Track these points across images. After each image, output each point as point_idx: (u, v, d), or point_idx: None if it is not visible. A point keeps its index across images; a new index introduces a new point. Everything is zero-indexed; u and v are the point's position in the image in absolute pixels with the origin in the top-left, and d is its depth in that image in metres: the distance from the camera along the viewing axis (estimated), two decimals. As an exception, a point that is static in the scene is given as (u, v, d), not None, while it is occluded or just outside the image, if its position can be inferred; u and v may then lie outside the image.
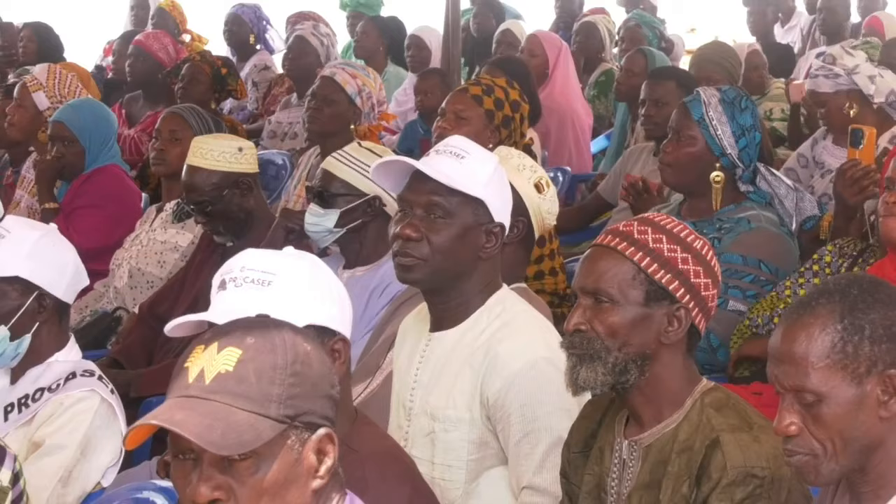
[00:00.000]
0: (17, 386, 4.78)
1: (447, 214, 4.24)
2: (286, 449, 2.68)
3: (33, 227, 4.88)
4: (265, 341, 2.73)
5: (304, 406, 2.70)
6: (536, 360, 4.13)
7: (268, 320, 2.86)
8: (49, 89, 8.25)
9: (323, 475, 2.72)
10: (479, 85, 6.92)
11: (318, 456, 2.72)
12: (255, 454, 2.66)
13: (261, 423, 2.66)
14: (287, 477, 2.69)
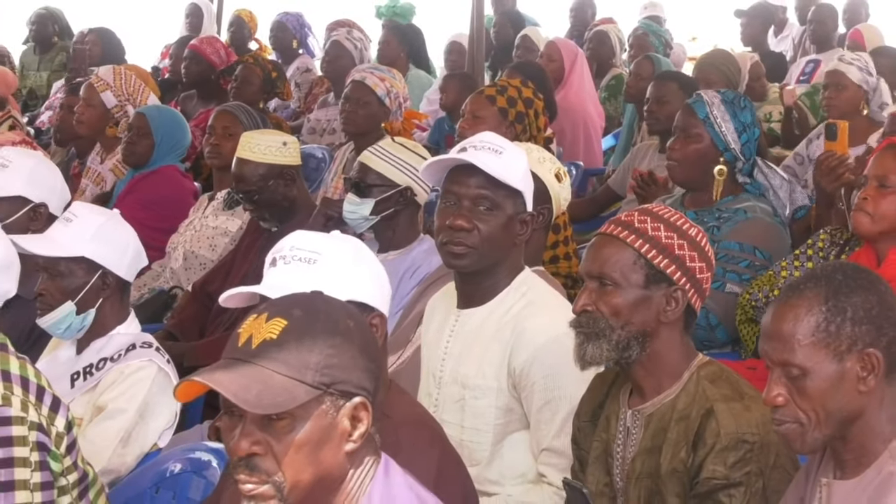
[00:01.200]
0: (83, 356, 4.80)
1: (494, 206, 4.26)
2: (320, 413, 2.70)
3: (98, 213, 4.90)
4: (311, 315, 2.75)
5: (341, 376, 2.71)
6: (559, 335, 4.11)
7: (319, 297, 2.86)
8: (116, 88, 8.26)
9: (356, 439, 2.74)
10: (494, 86, 6.94)
11: (353, 422, 2.73)
12: (290, 415, 2.68)
13: (296, 387, 2.68)
14: (320, 438, 2.71)
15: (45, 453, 3.83)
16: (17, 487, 3.77)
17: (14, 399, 3.79)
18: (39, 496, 3.82)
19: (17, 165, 5.72)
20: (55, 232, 4.79)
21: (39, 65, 13.18)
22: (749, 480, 3.59)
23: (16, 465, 3.77)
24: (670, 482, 3.68)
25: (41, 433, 3.82)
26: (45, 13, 13.33)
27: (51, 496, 3.88)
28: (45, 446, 3.83)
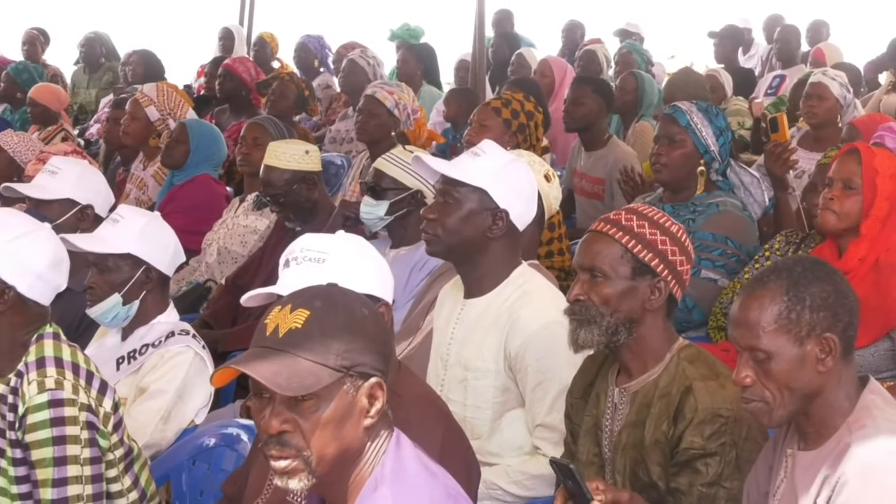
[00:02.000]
0: (127, 342, 4.80)
1: (455, 201, 4.33)
2: (342, 393, 2.70)
3: (143, 214, 4.91)
4: (331, 305, 2.74)
5: (359, 359, 2.71)
6: (550, 322, 4.13)
7: (336, 289, 2.86)
8: (159, 104, 8.27)
9: (373, 415, 2.73)
10: (500, 99, 7.00)
11: (370, 400, 2.73)
12: (315, 396, 2.68)
13: (321, 371, 2.68)
14: (342, 415, 2.70)
15: (93, 431, 3.85)
16: (68, 462, 3.79)
17: (66, 383, 3.82)
18: (89, 469, 3.84)
19: (65, 172, 5.83)
20: (104, 231, 4.80)
21: (88, 83, 13.19)
22: (723, 450, 3.59)
23: (68, 441, 3.79)
24: (653, 452, 3.68)
25: (90, 413, 3.84)
26: (94, 37, 13.35)
27: (99, 469, 3.89)
28: (93, 425, 3.85)
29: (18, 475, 3.86)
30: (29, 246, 3.94)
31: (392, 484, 2.73)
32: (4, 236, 3.90)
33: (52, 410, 3.78)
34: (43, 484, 3.80)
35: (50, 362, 3.87)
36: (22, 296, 3.90)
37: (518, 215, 4.38)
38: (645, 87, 9.56)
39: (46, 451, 3.79)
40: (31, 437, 3.79)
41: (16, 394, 3.84)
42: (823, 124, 7.68)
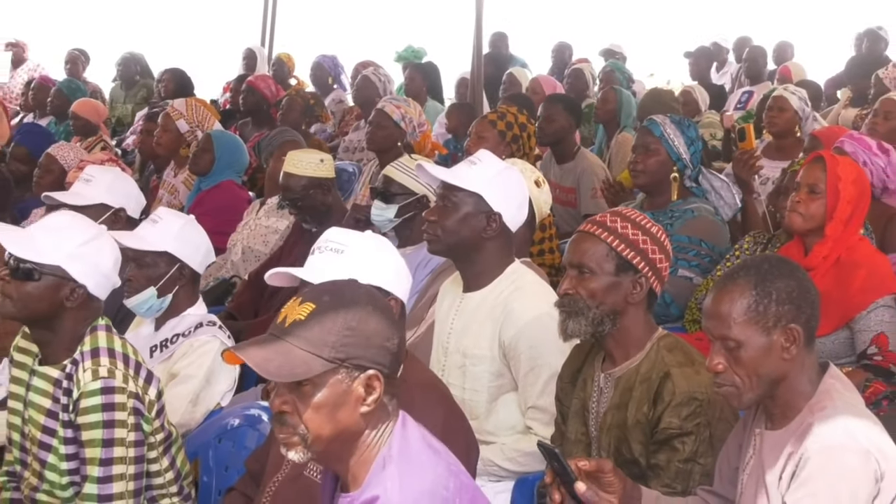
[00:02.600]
0: (160, 332, 4.81)
1: (453, 204, 4.35)
2: (336, 381, 2.69)
3: (180, 217, 4.94)
4: (336, 301, 2.73)
5: (354, 353, 2.69)
6: (541, 314, 4.14)
7: (350, 285, 2.84)
8: (188, 117, 8.27)
9: (370, 404, 2.71)
10: (496, 113, 7.02)
11: (367, 389, 2.71)
12: (311, 382, 2.68)
13: (314, 361, 2.68)
14: (336, 401, 2.69)
15: (139, 417, 3.86)
16: (115, 444, 3.81)
17: (118, 373, 3.84)
18: (133, 451, 3.85)
19: (98, 179, 5.86)
20: (144, 230, 4.83)
21: (125, 98, 13.19)
22: (698, 430, 3.59)
23: (116, 425, 3.81)
24: (635, 432, 3.68)
25: (137, 401, 3.86)
26: (130, 57, 13.36)
27: (142, 451, 3.90)
28: (139, 411, 3.86)
29: (68, 453, 3.87)
30: (97, 249, 3.98)
31: (399, 462, 2.71)
32: (76, 241, 3.93)
33: (103, 396, 3.80)
34: (91, 462, 3.81)
35: (104, 353, 3.88)
36: (89, 293, 3.93)
37: (510, 217, 4.38)
38: (623, 101, 9.60)
39: (96, 432, 3.80)
40: (83, 420, 3.80)
41: (70, 379, 3.86)
42: (784, 134, 7.72)
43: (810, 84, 10.93)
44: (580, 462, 3.32)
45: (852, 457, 3.03)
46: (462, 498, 2.71)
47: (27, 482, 4.04)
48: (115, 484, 3.83)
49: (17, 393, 4.10)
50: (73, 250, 3.90)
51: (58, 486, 3.91)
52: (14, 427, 4.11)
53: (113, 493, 3.83)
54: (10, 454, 4.19)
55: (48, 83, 12.15)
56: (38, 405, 3.93)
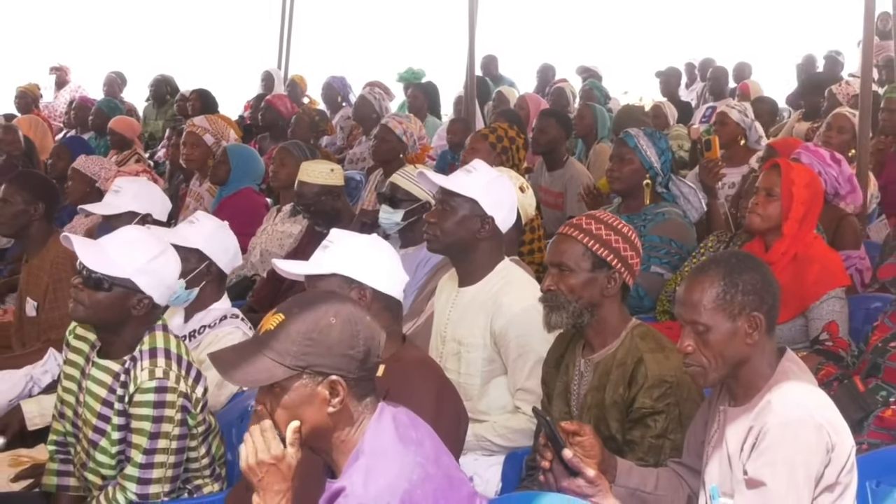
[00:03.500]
0: (189, 324, 4.81)
1: (451, 208, 4.36)
2: (300, 385, 2.68)
3: (214, 221, 4.95)
4: (303, 314, 2.72)
5: (315, 361, 2.67)
6: (527, 307, 4.14)
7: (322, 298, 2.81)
8: (213, 132, 8.25)
9: (335, 405, 2.70)
10: (489, 127, 7.06)
11: (331, 392, 2.69)
12: (279, 385, 2.70)
13: (276, 368, 2.67)
14: (301, 402, 2.69)
15: (185, 413, 3.84)
16: (161, 437, 3.80)
17: (171, 374, 3.82)
18: (175, 443, 3.84)
19: (125, 189, 5.88)
20: (182, 228, 4.89)
21: (157, 116, 13.19)
22: (668, 409, 3.60)
23: (164, 421, 3.80)
24: (612, 411, 3.68)
25: (185, 399, 3.84)
26: (161, 79, 13.36)
27: (184, 444, 3.88)
28: (186, 409, 3.85)
29: (118, 438, 3.86)
30: (163, 264, 3.95)
31: (368, 455, 2.69)
32: (145, 257, 3.90)
33: (156, 395, 3.78)
34: (136, 448, 3.80)
35: (161, 353, 3.86)
36: (154, 303, 3.92)
37: (501, 220, 4.39)
38: (598, 116, 9.68)
39: (146, 424, 3.79)
40: (135, 411, 3.79)
41: (128, 374, 3.84)
42: (728, 144, 7.78)
43: (767, 100, 10.96)
44: (564, 424, 3.35)
45: (807, 430, 3.03)
46: (424, 488, 2.67)
47: (78, 456, 4.05)
48: (156, 470, 3.82)
49: (72, 374, 4.10)
50: (142, 265, 3.87)
51: (105, 465, 3.90)
52: (67, 404, 4.10)
53: (152, 478, 3.82)
54: (59, 425, 4.18)
55: (88, 103, 12.16)
56: (95, 394, 3.92)
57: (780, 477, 3.02)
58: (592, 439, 3.34)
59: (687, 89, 14.86)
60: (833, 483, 3.09)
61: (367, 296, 3.54)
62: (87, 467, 3.97)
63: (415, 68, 13.83)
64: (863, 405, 4.19)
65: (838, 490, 3.10)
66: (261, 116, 10.89)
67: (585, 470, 3.27)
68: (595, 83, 12.82)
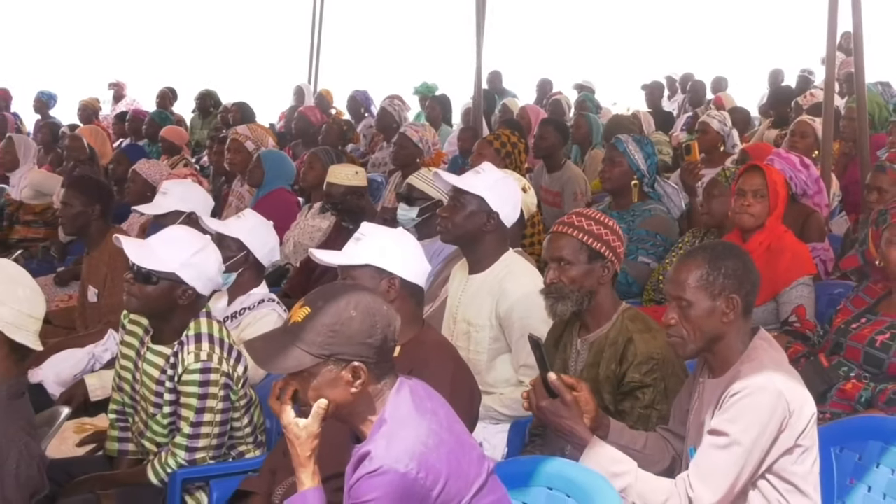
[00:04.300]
0: (231, 306, 4.82)
1: (460, 204, 4.38)
2: (326, 371, 2.68)
3: (258, 218, 4.97)
4: (327, 307, 2.71)
5: (338, 349, 2.67)
6: (528, 293, 4.13)
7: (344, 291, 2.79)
8: (253, 140, 8.25)
9: (357, 387, 2.70)
10: (493, 134, 7.07)
11: (353, 376, 2.69)
12: (308, 371, 2.70)
13: (304, 356, 2.68)
14: (327, 385, 2.70)
15: (228, 390, 3.86)
16: (206, 412, 3.83)
17: (214, 356, 3.83)
18: (219, 417, 3.86)
19: (172, 191, 5.91)
20: (229, 220, 4.95)
21: (202, 125, 13.20)
22: (655, 383, 3.59)
23: (209, 398, 3.81)
24: (605, 385, 3.67)
25: (227, 378, 3.85)
26: (206, 93, 13.38)
27: (227, 417, 3.90)
28: (229, 386, 3.86)
29: (170, 412, 3.89)
30: (205, 258, 3.96)
31: (389, 423, 2.69)
32: (188, 252, 3.90)
33: (201, 375, 3.79)
34: (185, 420, 3.83)
35: (205, 338, 3.87)
36: (198, 293, 3.92)
37: (506, 216, 4.39)
38: (592, 124, 9.66)
39: (192, 400, 3.81)
40: (184, 389, 3.81)
41: (177, 357, 3.86)
42: (708, 149, 7.87)
43: (740, 110, 10.96)
44: (564, 377, 3.36)
45: (766, 395, 3.04)
46: (439, 452, 2.67)
47: (136, 426, 4.07)
48: (201, 440, 3.84)
49: (128, 355, 4.12)
50: (185, 260, 3.88)
51: (160, 434, 3.93)
52: (125, 380, 4.12)
53: (198, 446, 3.84)
54: (118, 397, 4.19)
55: (140, 115, 12.18)
56: (150, 374, 3.94)
57: (737, 431, 3.03)
58: (588, 395, 3.34)
59: (668, 100, 14.83)
60: (791, 446, 3.10)
61: (395, 285, 3.53)
62: (144, 435, 4.00)
63: (429, 82, 13.84)
64: (826, 379, 4.19)
65: (798, 452, 3.11)
66: (294, 125, 10.91)
67: (564, 393, 3.29)
68: (588, 96, 12.83)
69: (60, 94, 13.60)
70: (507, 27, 16.35)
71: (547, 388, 3.30)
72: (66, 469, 4.11)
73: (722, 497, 3.06)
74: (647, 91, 13.90)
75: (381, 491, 2.61)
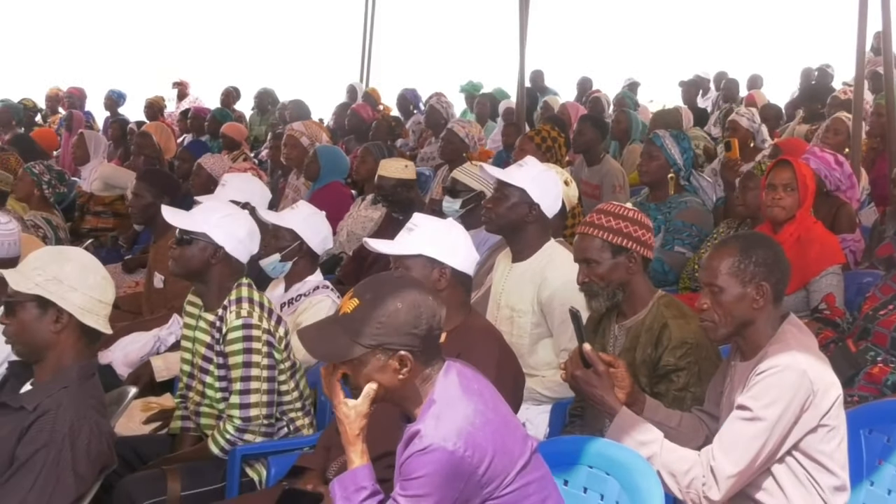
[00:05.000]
0: (288, 293, 4.85)
1: (504, 196, 4.38)
2: (375, 359, 2.68)
3: (310, 208, 5.00)
4: (375, 299, 2.71)
5: (385, 340, 2.67)
6: (568, 280, 4.07)
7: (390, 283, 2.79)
8: (308, 135, 8.27)
9: (404, 374, 2.70)
10: (535, 130, 7.08)
11: (401, 364, 2.69)
12: (358, 360, 2.70)
13: (352, 347, 2.68)
14: (376, 372, 2.70)
15: (270, 347, 3.93)
16: (252, 366, 3.90)
17: (255, 314, 3.92)
18: (265, 372, 3.92)
19: (230, 183, 5.97)
20: (284, 213, 4.97)
21: (260, 122, 13.29)
22: (689, 367, 3.56)
23: (253, 352, 3.89)
24: (642, 368, 3.64)
25: (269, 335, 3.93)
26: (264, 92, 13.49)
27: (273, 373, 3.96)
28: (271, 343, 3.94)
29: (220, 375, 3.96)
30: (232, 221, 4.08)
31: (438, 404, 2.69)
32: (217, 215, 4.07)
33: (244, 331, 3.88)
34: (234, 379, 3.90)
35: (245, 301, 3.96)
36: (228, 254, 4.00)
37: (547, 207, 4.38)
38: (632, 120, 9.59)
39: (238, 357, 3.88)
40: (229, 348, 3.89)
41: (221, 321, 3.95)
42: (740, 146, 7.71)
43: (772, 106, 10.86)
44: (602, 354, 3.36)
45: (790, 374, 3.01)
46: (485, 430, 2.66)
47: (192, 400, 4.14)
48: (252, 395, 3.89)
49: (188, 334, 4.21)
50: (216, 221, 4.02)
51: (214, 399, 4.01)
52: (185, 360, 4.21)
53: (251, 402, 3.89)
54: (181, 382, 4.26)
55: (202, 112, 12.26)
56: (202, 340, 4.05)
57: (760, 407, 3.01)
58: (624, 372, 3.34)
59: (702, 98, 14.71)
60: (815, 426, 3.06)
61: (446, 274, 3.51)
62: (202, 405, 4.06)
63: (475, 81, 13.83)
64: (854, 363, 4.17)
65: (823, 431, 3.08)
66: (346, 122, 10.93)
67: (597, 364, 3.29)
68: (627, 93, 12.82)
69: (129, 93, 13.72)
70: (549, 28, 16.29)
71: (583, 358, 3.31)
72: (133, 445, 4.17)
73: (742, 469, 3.03)
74: (683, 88, 13.81)
75: (431, 468, 2.61)
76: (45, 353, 3.29)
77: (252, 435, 3.91)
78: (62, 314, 3.27)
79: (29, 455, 3.06)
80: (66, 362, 3.28)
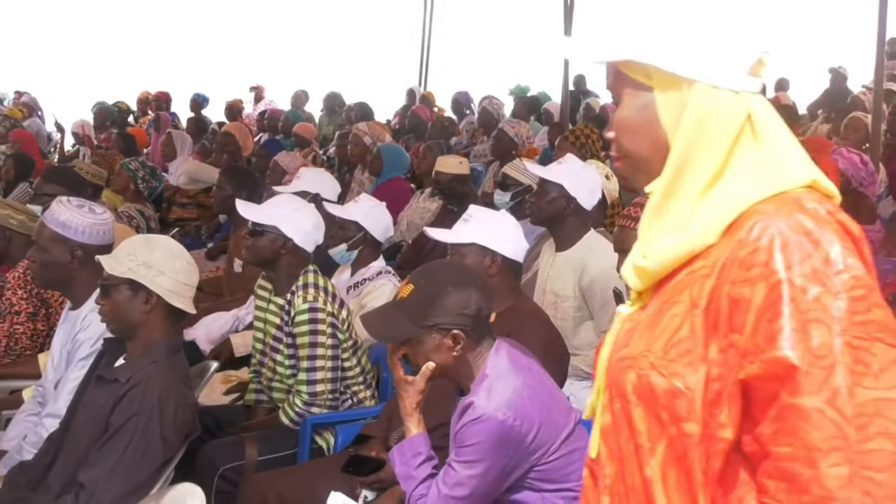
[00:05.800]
0: (353, 277, 4.86)
1: (544, 191, 4.37)
2: (430, 339, 2.71)
3: (372, 200, 4.99)
4: (428, 284, 2.73)
5: (439, 320, 2.69)
6: (607, 267, 4.02)
7: (443, 269, 2.82)
8: (371, 134, 8.28)
9: (457, 351, 2.72)
10: (570, 130, 7.11)
11: (455, 342, 2.71)
12: (416, 340, 2.72)
13: (410, 327, 2.70)
14: (432, 350, 2.72)
15: (334, 329, 3.93)
16: (318, 346, 3.90)
17: (319, 298, 3.92)
18: (330, 351, 3.92)
19: (305, 176, 6.00)
20: (348, 205, 4.99)
21: (328, 122, 13.31)
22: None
23: (318, 334, 3.89)
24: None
25: (332, 317, 3.92)
26: (332, 95, 13.49)
27: (337, 352, 3.96)
28: (334, 325, 3.93)
29: (289, 353, 3.97)
30: (301, 214, 4.08)
31: (490, 378, 2.70)
32: (286, 209, 4.06)
33: (310, 313, 3.88)
34: (302, 357, 3.91)
35: (311, 286, 3.96)
36: (296, 245, 4.00)
37: (584, 200, 4.36)
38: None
39: (305, 338, 3.88)
40: (297, 329, 3.89)
41: (290, 304, 3.95)
42: None
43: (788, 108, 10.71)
44: None
45: None
46: (533, 402, 2.67)
47: (265, 375, 4.16)
48: (318, 372, 3.90)
49: (259, 316, 4.22)
50: (285, 215, 4.02)
51: (284, 375, 4.02)
52: (258, 339, 4.23)
53: (317, 378, 3.91)
54: (254, 359, 4.27)
55: (276, 113, 12.33)
56: (272, 322, 4.06)
57: None
58: None
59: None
60: None
61: (497, 261, 3.52)
62: (272, 387, 4.08)
63: (522, 84, 13.76)
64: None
65: None
66: (407, 122, 10.93)
67: None
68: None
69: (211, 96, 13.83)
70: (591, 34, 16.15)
71: None
72: (214, 414, 4.21)
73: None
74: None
75: (483, 436, 2.62)
76: (136, 330, 3.32)
77: (318, 408, 3.93)
78: (151, 296, 3.30)
79: (122, 423, 3.09)
80: (155, 339, 3.31)
